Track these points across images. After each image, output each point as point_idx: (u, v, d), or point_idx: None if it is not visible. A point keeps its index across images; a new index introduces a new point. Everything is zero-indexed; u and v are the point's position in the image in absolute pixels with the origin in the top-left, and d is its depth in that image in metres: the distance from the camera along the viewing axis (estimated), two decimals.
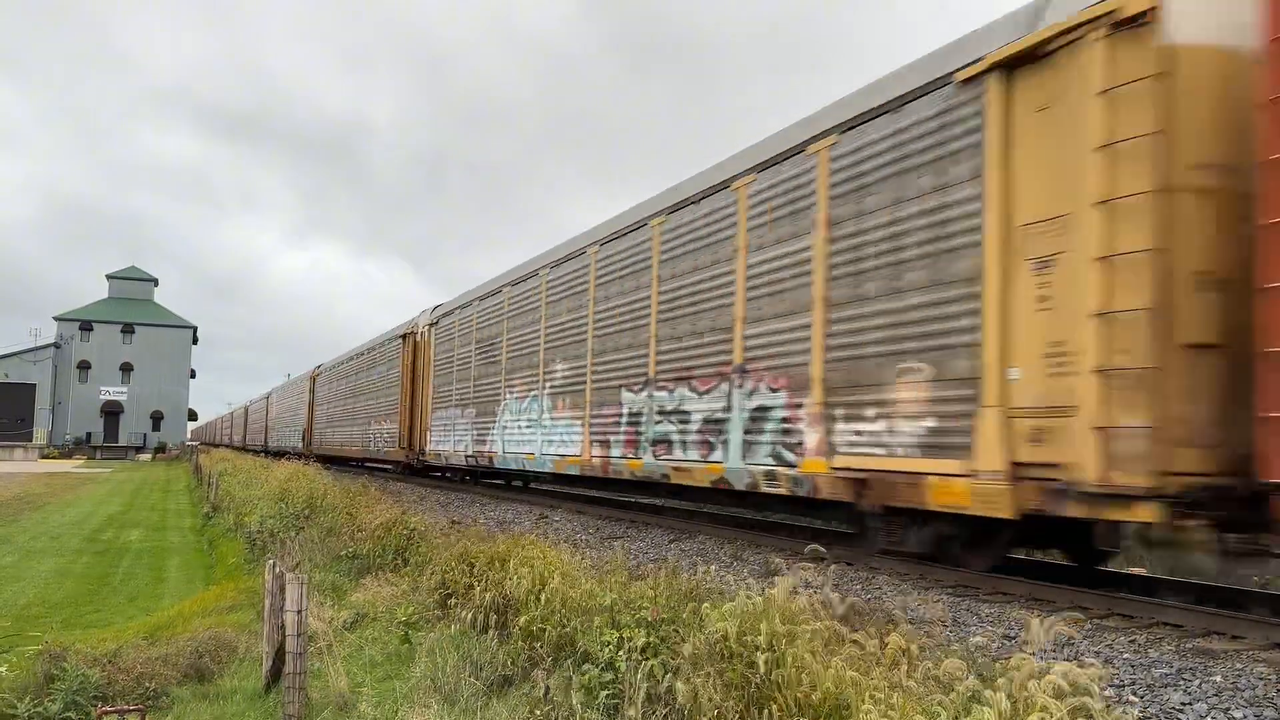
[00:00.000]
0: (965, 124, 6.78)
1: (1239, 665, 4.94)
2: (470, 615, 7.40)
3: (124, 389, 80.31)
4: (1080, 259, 5.84)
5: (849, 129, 8.04)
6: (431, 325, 21.61)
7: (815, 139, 8.48)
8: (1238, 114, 5.82)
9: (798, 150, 8.71)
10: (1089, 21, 5.86)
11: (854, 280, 7.79)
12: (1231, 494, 5.59)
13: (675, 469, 10.32)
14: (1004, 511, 6.23)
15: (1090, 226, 5.77)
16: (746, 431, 9.08)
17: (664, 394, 10.73)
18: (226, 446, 73.95)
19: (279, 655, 6.96)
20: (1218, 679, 4.72)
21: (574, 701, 4.75)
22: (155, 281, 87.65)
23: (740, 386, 9.21)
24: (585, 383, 12.92)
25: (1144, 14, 5.62)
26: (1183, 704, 4.40)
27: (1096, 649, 5.31)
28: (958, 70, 6.85)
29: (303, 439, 39.03)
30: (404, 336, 23.80)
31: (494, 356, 17.00)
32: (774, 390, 8.66)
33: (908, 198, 7.27)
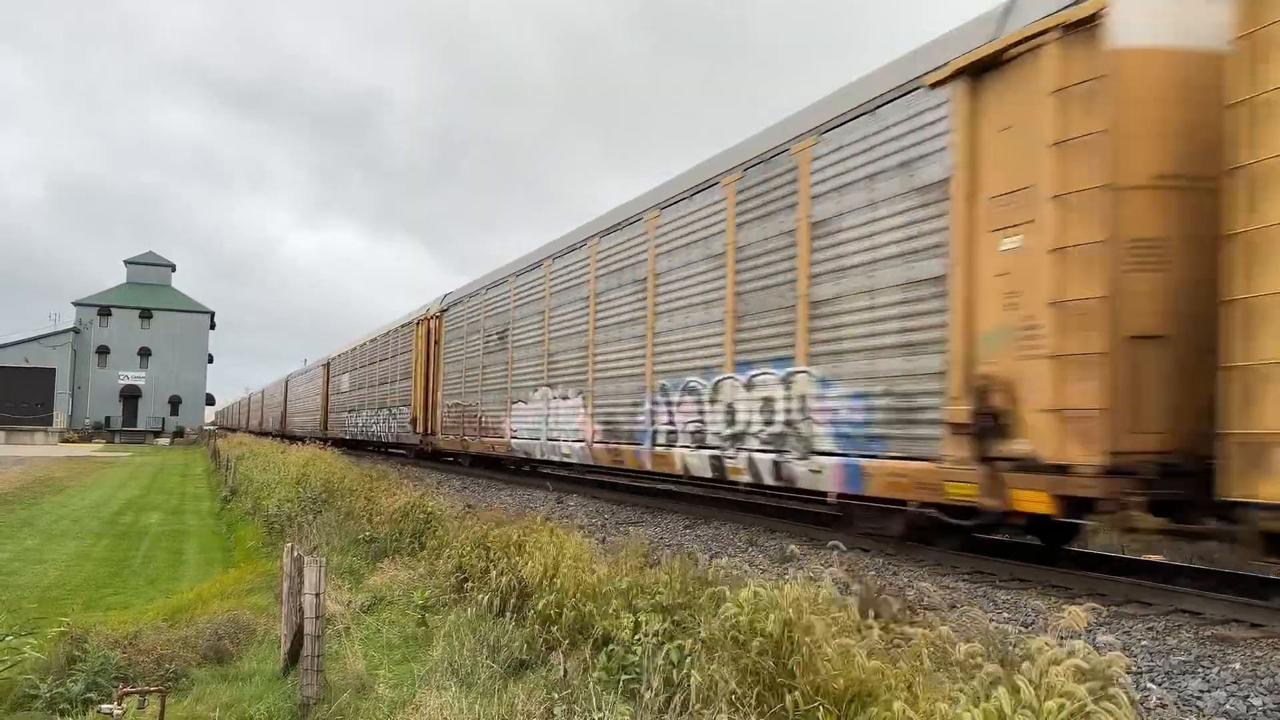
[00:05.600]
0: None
1: (1258, 653, 4.92)
2: (487, 599, 7.44)
3: (142, 374, 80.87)
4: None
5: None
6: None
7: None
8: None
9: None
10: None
11: None
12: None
13: None
14: None
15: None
16: None
17: None
18: (257, 433, 62.71)
19: (297, 637, 7.00)
20: (1236, 666, 4.70)
21: (591, 684, 4.77)
22: (173, 267, 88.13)
23: None
24: None
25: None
26: (1201, 691, 4.38)
27: (1114, 636, 5.29)
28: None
29: (414, 424, 24.43)
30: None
31: None
32: None
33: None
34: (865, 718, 3.65)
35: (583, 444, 13.74)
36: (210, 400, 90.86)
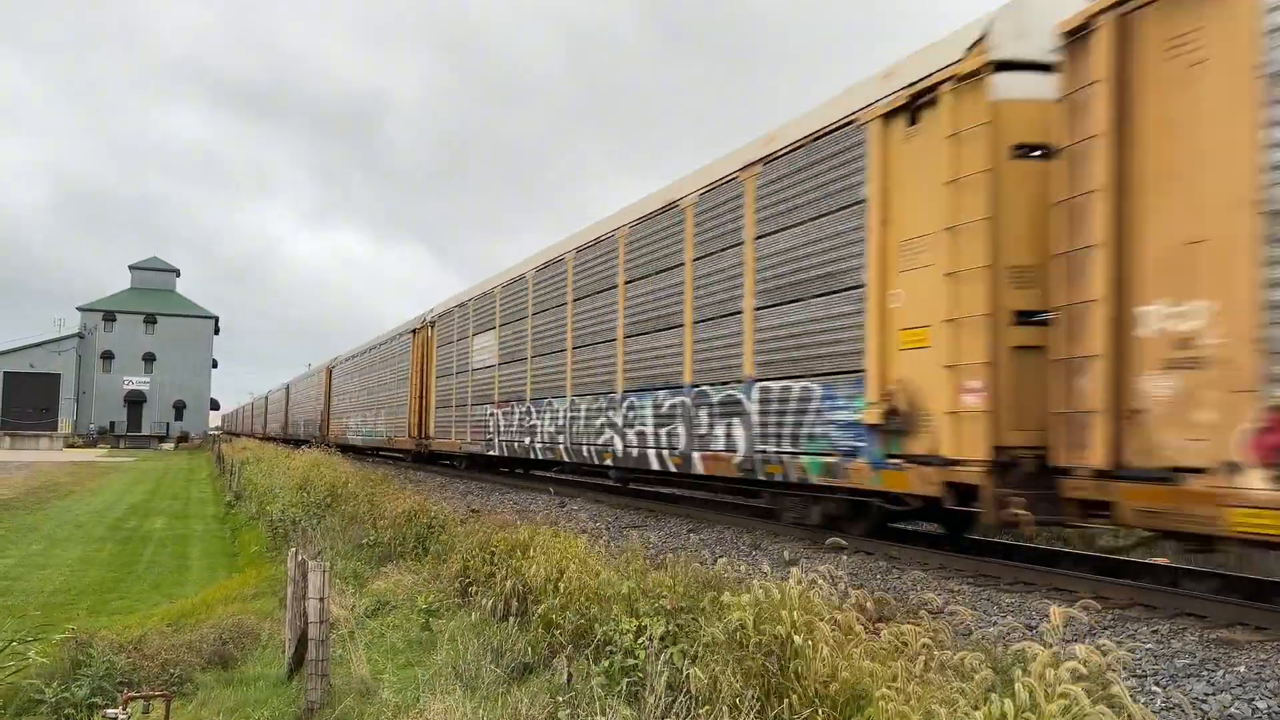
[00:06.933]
0: None
1: (1263, 656, 4.90)
2: (491, 603, 7.44)
3: (147, 379, 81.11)
4: None
5: None
6: None
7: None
8: None
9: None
10: None
11: None
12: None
13: None
14: None
15: None
16: None
17: None
18: (280, 440, 50.70)
19: (301, 642, 7.02)
20: (1241, 669, 4.69)
21: (594, 688, 4.77)
22: (177, 272, 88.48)
23: None
24: None
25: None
26: (1205, 694, 4.38)
27: (1118, 639, 5.28)
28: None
29: (892, 415, 7.36)
30: None
31: None
32: None
33: None
34: (862, 718, 3.65)
35: None
36: (215, 405, 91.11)
